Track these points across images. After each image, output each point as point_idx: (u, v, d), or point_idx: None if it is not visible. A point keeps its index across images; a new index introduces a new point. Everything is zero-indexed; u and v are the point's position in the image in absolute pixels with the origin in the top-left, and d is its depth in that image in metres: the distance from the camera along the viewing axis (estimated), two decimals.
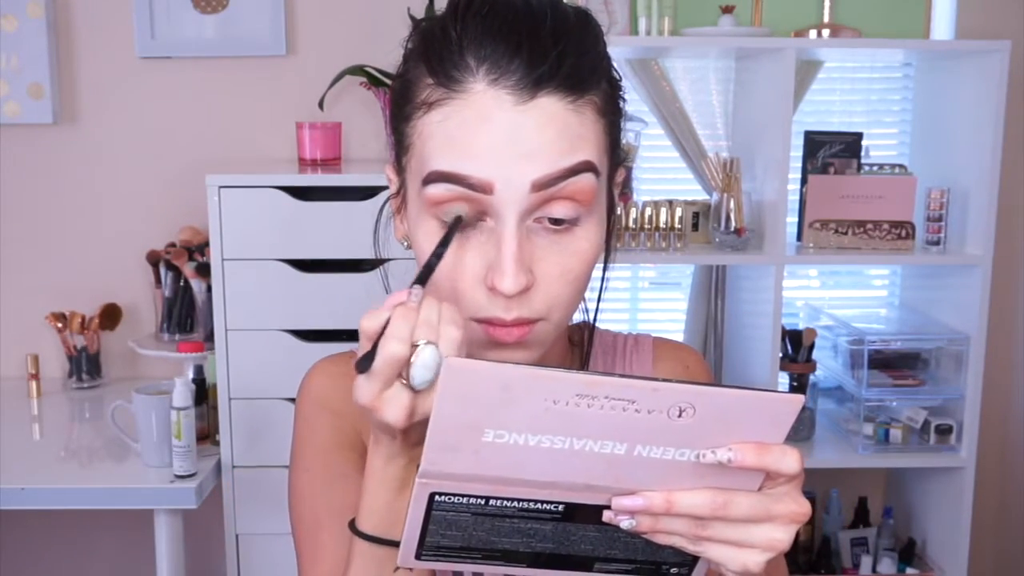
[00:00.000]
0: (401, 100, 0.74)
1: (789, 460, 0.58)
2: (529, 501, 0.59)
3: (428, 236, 0.71)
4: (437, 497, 0.59)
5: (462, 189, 0.68)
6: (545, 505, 0.60)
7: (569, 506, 0.60)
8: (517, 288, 0.67)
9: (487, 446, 0.56)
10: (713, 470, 0.57)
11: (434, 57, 0.70)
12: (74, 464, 1.92)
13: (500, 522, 0.60)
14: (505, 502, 0.59)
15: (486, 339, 0.71)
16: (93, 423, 2.12)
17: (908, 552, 2.34)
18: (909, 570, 2.30)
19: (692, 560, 0.63)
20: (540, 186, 0.67)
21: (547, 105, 0.67)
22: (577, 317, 0.88)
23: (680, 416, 0.54)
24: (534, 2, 0.69)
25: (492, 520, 0.60)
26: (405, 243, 0.79)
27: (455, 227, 0.68)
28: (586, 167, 0.69)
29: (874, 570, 2.35)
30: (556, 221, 0.69)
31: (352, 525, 0.69)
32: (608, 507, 0.59)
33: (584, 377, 0.53)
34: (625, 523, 0.59)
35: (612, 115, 0.74)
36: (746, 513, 0.58)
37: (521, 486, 0.58)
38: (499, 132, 0.67)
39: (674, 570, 0.64)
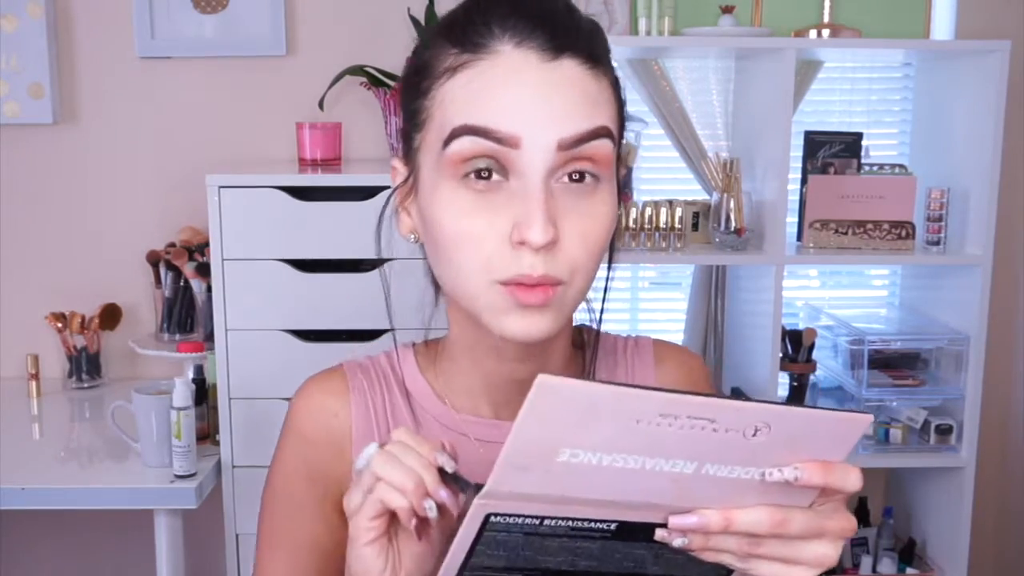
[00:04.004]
0: (417, 77, 0.75)
1: (853, 478, 0.58)
2: (583, 520, 0.58)
3: (449, 201, 0.71)
4: (492, 518, 0.58)
5: (488, 143, 0.69)
6: (598, 524, 0.59)
7: (622, 524, 0.59)
8: (546, 238, 0.68)
9: (559, 465, 0.55)
10: (771, 487, 0.57)
11: (458, 30, 0.72)
12: (74, 464, 1.92)
13: (550, 541, 0.60)
14: (560, 521, 0.58)
15: (511, 302, 0.70)
16: (93, 423, 2.12)
17: (908, 552, 2.34)
18: (909, 570, 2.30)
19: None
20: (566, 145, 0.69)
21: (571, 67, 0.70)
22: (582, 319, 0.87)
23: (755, 435, 0.54)
24: None
25: (542, 539, 0.59)
26: (412, 237, 0.79)
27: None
28: (606, 132, 0.71)
29: (874, 570, 2.35)
30: (578, 177, 0.70)
31: None
32: (661, 524, 0.59)
33: (669, 396, 0.53)
34: (678, 541, 0.59)
35: (620, 103, 0.76)
36: (801, 530, 0.58)
37: (582, 505, 0.57)
38: (526, 88, 0.69)
39: None
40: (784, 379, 2.25)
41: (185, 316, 2.21)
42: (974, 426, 2.16)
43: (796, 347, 2.24)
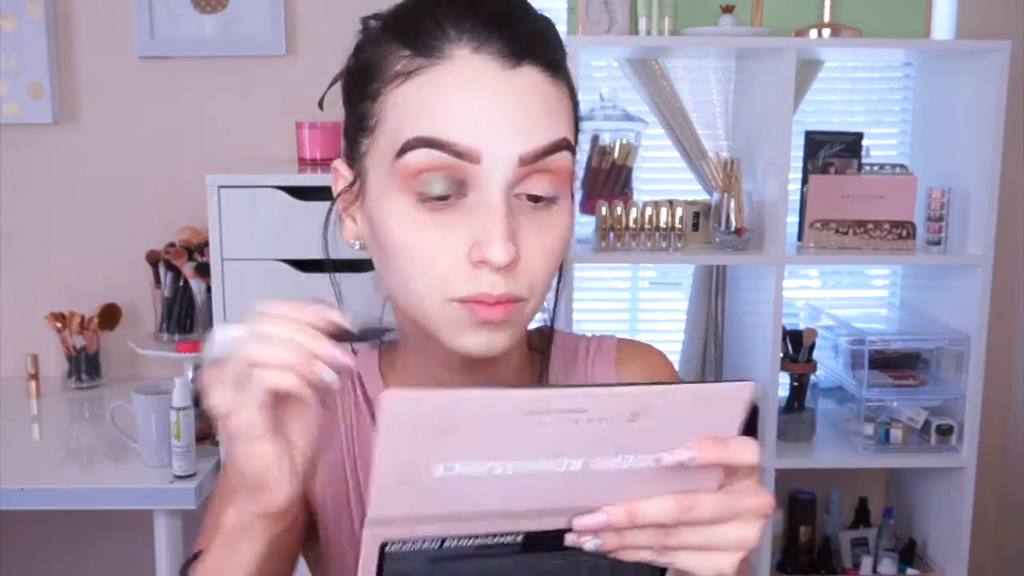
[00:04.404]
0: (365, 78, 0.72)
1: (748, 451, 0.55)
2: (487, 536, 0.55)
3: (402, 214, 0.68)
4: (388, 548, 0.54)
5: (446, 156, 0.66)
6: (504, 538, 0.55)
7: (529, 536, 0.56)
8: (508, 257, 0.65)
9: (437, 482, 0.51)
10: (672, 473, 0.54)
11: (409, 31, 0.68)
12: (74, 464, 1.92)
13: (459, 564, 0.56)
14: (462, 541, 0.55)
15: (469, 319, 0.68)
16: (93, 423, 2.12)
17: (909, 552, 2.33)
18: (910, 570, 2.30)
19: None
20: (528, 160, 0.67)
21: (531, 74, 0.67)
22: (540, 321, 0.86)
23: (634, 420, 0.51)
24: None
25: (449, 564, 0.56)
26: (357, 243, 0.77)
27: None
28: (566, 144, 0.69)
29: (875, 570, 2.35)
30: (535, 199, 0.68)
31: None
32: (570, 530, 0.56)
33: (531, 393, 0.50)
34: (589, 544, 0.56)
35: (576, 109, 0.74)
36: (711, 513, 0.55)
37: (477, 519, 0.54)
38: (485, 98, 0.66)
39: None
40: (784, 379, 2.25)
41: (185, 316, 2.21)
42: (975, 426, 2.16)
43: (796, 347, 2.24)
